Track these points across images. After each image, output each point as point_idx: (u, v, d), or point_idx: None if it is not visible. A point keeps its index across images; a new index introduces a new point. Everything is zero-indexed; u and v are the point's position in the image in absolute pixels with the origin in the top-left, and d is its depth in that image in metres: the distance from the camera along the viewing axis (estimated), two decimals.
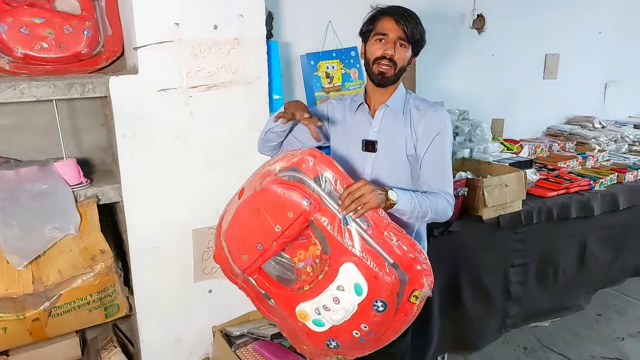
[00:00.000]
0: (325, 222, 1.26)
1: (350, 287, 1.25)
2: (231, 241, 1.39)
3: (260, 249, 1.32)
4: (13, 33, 1.57)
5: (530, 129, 3.51)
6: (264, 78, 1.82)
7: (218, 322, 1.86)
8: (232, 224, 1.37)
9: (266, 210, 1.28)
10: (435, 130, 1.45)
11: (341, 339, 1.32)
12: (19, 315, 1.42)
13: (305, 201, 1.25)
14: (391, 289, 1.24)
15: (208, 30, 1.66)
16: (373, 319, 1.27)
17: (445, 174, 1.47)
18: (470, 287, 2.19)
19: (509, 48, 3.23)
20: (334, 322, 1.30)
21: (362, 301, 1.25)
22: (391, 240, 1.26)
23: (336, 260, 1.27)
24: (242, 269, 1.39)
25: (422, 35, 1.47)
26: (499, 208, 2.20)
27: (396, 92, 1.50)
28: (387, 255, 1.25)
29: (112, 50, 1.76)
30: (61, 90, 1.50)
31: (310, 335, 1.35)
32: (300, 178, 1.28)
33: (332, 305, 1.28)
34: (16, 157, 1.75)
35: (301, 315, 1.33)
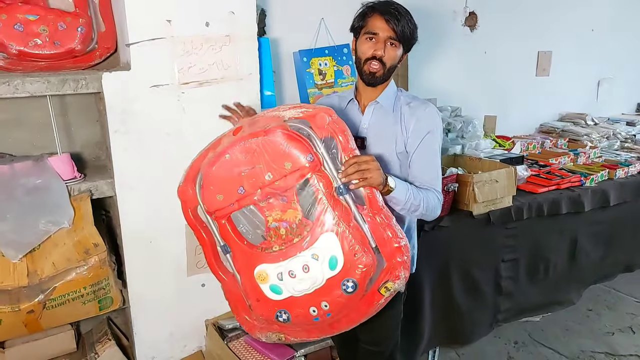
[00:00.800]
0: (319, 185, 1.21)
1: (326, 258, 1.19)
2: (211, 177, 1.29)
3: (241, 192, 1.24)
4: (7, 30, 1.59)
5: (523, 125, 3.54)
6: (255, 75, 1.84)
7: (211, 315, 1.89)
8: (219, 158, 1.27)
9: (262, 154, 1.21)
10: (425, 129, 1.44)
11: (294, 313, 1.25)
12: (14, 307, 1.44)
13: (307, 157, 1.19)
14: (366, 272, 1.20)
15: (200, 27, 1.68)
16: (337, 298, 1.21)
17: (435, 172, 1.47)
18: (461, 281, 2.22)
19: (501, 45, 3.25)
20: (294, 292, 1.23)
21: (333, 276, 1.19)
22: (380, 224, 1.23)
23: (318, 227, 1.21)
24: (210, 209, 1.30)
25: (413, 32, 1.46)
26: (489, 204, 2.23)
27: (387, 89, 1.51)
28: (372, 237, 1.21)
29: (105, 47, 1.77)
30: (55, 86, 1.52)
31: (261, 301, 1.27)
32: (309, 133, 1.23)
33: (300, 272, 1.20)
34: (11, 152, 1.77)
35: (260, 276, 1.24)
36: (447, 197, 2.14)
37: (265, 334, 1.37)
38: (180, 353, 1.88)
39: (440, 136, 1.49)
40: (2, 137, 1.76)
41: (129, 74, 1.60)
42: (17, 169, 1.56)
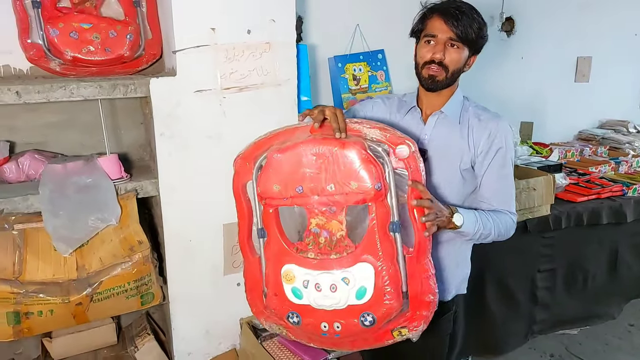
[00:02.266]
0: (376, 215, 1.19)
1: (356, 286, 1.19)
2: (275, 163, 1.27)
3: (299, 192, 1.22)
4: (64, 37, 1.69)
5: (561, 132, 3.46)
6: (293, 80, 1.88)
7: (245, 314, 1.93)
8: (289, 149, 1.25)
9: (332, 164, 1.19)
10: (496, 145, 1.33)
11: (305, 321, 1.24)
12: (64, 299, 1.52)
13: (377, 185, 1.17)
14: (388, 313, 1.19)
15: (242, 34, 1.74)
16: (351, 326, 1.21)
17: (508, 193, 1.37)
18: (495, 290, 2.19)
19: (539, 51, 3.20)
20: (314, 303, 1.22)
21: (355, 305, 1.19)
22: (418, 272, 1.20)
23: (359, 255, 1.20)
24: (263, 195, 1.28)
25: (479, 32, 1.33)
26: (526, 212, 2.19)
27: (453, 98, 1.39)
28: (406, 282, 1.19)
29: (151, 53, 1.86)
30: (106, 91, 1.60)
31: (279, 297, 1.26)
32: (384, 160, 1.20)
33: (326, 289, 1.20)
34: (63, 152, 1.88)
35: (287, 275, 1.23)
36: None
37: (270, 324, 1.38)
38: (216, 350, 1.92)
39: (512, 152, 1.37)
40: (56, 138, 1.87)
41: (175, 80, 1.66)
42: (69, 168, 1.65)
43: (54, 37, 1.69)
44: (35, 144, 1.84)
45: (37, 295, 1.49)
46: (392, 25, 2.68)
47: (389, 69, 2.72)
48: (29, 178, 1.70)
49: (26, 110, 1.77)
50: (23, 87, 1.52)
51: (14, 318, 1.48)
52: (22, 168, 1.70)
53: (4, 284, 1.46)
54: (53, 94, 1.55)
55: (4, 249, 1.50)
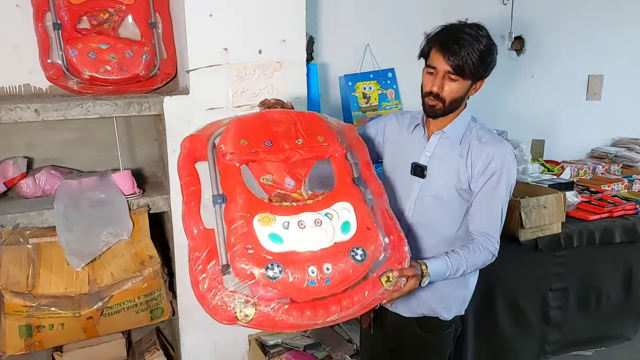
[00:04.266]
0: (342, 168, 1.23)
1: (340, 220, 1.13)
2: (240, 123, 1.23)
3: (268, 145, 1.19)
4: (82, 57, 1.76)
5: (573, 150, 3.43)
6: (303, 98, 1.92)
7: (254, 331, 1.93)
8: (255, 115, 1.27)
9: (299, 121, 1.24)
10: (492, 169, 1.33)
11: (289, 270, 1.05)
12: (75, 312, 1.55)
13: (339, 139, 1.25)
14: (377, 248, 1.13)
15: (253, 54, 1.78)
16: (342, 264, 1.09)
17: (492, 218, 1.35)
18: (506, 309, 2.16)
19: (549, 69, 3.20)
20: (297, 246, 1.08)
21: (342, 242, 1.11)
22: (390, 219, 1.23)
23: (335, 197, 1.18)
24: (229, 150, 1.17)
25: (482, 62, 1.30)
26: (536, 230, 2.17)
27: (457, 119, 1.39)
28: (382, 228, 1.18)
29: (166, 73, 1.92)
30: (121, 109, 1.65)
31: (255, 249, 1.06)
32: (339, 129, 1.32)
33: (311, 224, 1.10)
34: (79, 168, 1.92)
35: (265, 219, 1.09)
36: None
37: (228, 299, 1.05)
38: None
39: (509, 178, 1.34)
40: (71, 154, 1.92)
41: (188, 98, 1.71)
42: (84, 183, 1.70)
43: (73, 57, 1.75)
44: (52, 160, 1.89)
45: (49, 308, 1.52)
46: (402, 44, 2.71)
47: (399, 87, 2.75)
48: (45, 193, 1.75)
49: (44, 128, 1.83)
50: (41, 105, 1.57)
51: (26, 331, 1.51)
52: (38, 183, 1.74)
53: (17, 297, 1.49)
54: (70, 111, 1.60)
55: (18, 262, 1.54)
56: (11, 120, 1.54)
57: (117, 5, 1.85)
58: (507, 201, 1.36)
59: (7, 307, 1.49)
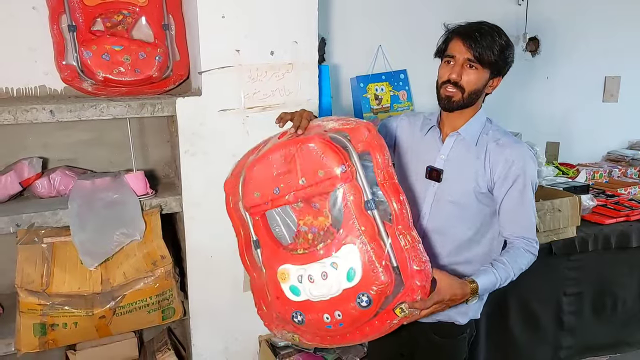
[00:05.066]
0: (349, 196, 1.20)
1: (344, 268, 1.19)
2: (252, 173, 1.33)
3: (276, 193, 1.28)
4: (96, 59, 1.77)
5: (588, 153, 3.38)
6: (314, 100, 1.91)
7: (264, 332, 1.93)
8: (262, 158, 1.32)
9: (299, 159, 1.25)
10: (515, 173, 1.29)
11: (309, 317, 1.25)
12: (88, 312, 1.56)
13: (340, 168, 1.20)
14: (382, 290, 1.17)
15: (265, 55, 1.78)
16: (351, 310, 1.19)
17: (527, 221, 1.33)
18: (519, 314, 2.14)
19: (564, 70, 3.16)
20: (311, 296, 1.23)
21: (349, 288, 1.19)
22: (404, 245, 1.20)
23: (341, 238, 1.21)
24: (247, 205, 1.34)
25: (501, 54, 1.29)
26: (551, 233, 2.14)
27: (473, 119, 1.36)
28: (394, 256, 1.18)
29: (179, 74, 1.93)
30: (134, 110, 1.66)
31: (280, 299, 1.29)
32: (346, 145, 1.23)
33: (319, 278, 1.21)
34: (92, 169, 1.94)
35: (282, 275, 1.27)
36: None
37: (281, 331, 1.38)
38: None
39: (532, 179, 1.32)
40: (85, 155, 1.94)
41: (200, 99, 1.72)
42: (97, 184, 1.71)
43: (87, 58, 1.77)
44: (66, 161, 1.91)
45: (63, 307, 1.53)
46: (415, 45, 2.70)
47: (411, 89, 2.73)
48: (59, 193, 1.77)
49: (59, 128, 1.85)
50: (56, 106, 1.59)
51: (40, 329, 1.52)
52: (53, 184, 1.77)
53: (32, 296, 1.51)
54: (84, 112, 1.62)
55: (32, 261, 1.56)
56: (27, 121, 1.56)
57: (131, 7, 1.86)
58: (533, 198, 1.35)
59: (22, 305, 1.51)
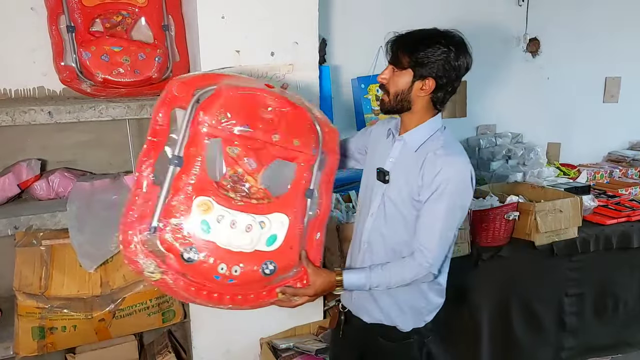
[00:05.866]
0: (300, 176, 1.28)
1: (269, 232, 1.20)
2: (228, 96, 1.22)
3: (244, 130, 1.21)
4: (95, 60, 1.76)
5: (589, 154, 3.37)
6: (315, 101, 1.90)
7: (265, 334, 1.92)
8: (249, 90, 1.25)
9: (286, 118, 1.25)
10: (437, 182, 1.27)
11: (203, 259, 1.15)
12: (88, 315, 1.55)
13: (313, 150, 1.28)
14: (289, 266, 1.24)
15: (265, 56, 1.77)
16: (250, 273, 1.18)
17: (431, 231, 1.29)
18: (521, 314, 2.13)
19: (565, 71, 3.15)
20: (220, 240, 1.16)
21: (261, 251, 1.18)
22: (314, 240, 1.31)
23: (278, 206, 1.23)
24: (206, 121, 1.19)
25: (417, 53, 1.27)
26: (552, 234, 2.13)
27: (421, 127, 1.35)
28: (304, 243, 1.27)
29: (179, 75, 1.91)
30: (134, 111, 1.65)
31: (184, 225, 1.15)
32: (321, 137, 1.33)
33: (241, 228, 1.17)
34: (91, 170, 1.93)
35: (203, 205, 1.15)
36: (506, 225, 2.08)
37: (144, 258, 1.16)
38: None
39: (459, 195, 1.28)
40: (84, 157, 1.93)
41: None
42: (96, 186, 1.70)
43: (86, 59, 1.76)
44: (65, 163, 1.90)
45: (62, 310, 1.52)
46: None
47: None
48: (58, 195, 1.76)
49: (58, 130, 1.84)
50: (55, 107, 1.58)
51: (38, 333, 1.51)
52: (52, 186, 1.76)
53: (30, 299, 1.50)
54: (83, 114, 1.61)
55: (31, 264, 1.55)
56: (25, 122, 1.55)
57: (130, 8, 1.85)
58: (451, 219, 1.29)
59: (20, 308, 1.50)
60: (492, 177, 2.75)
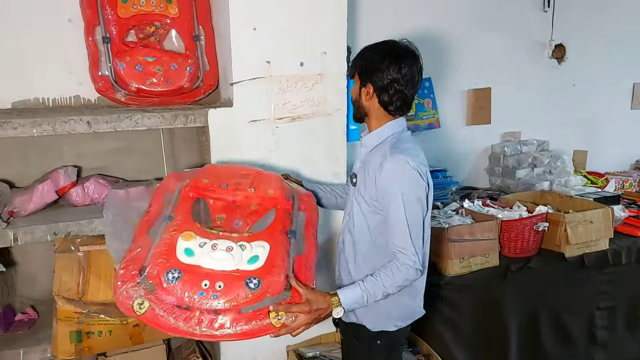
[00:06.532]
0: (280, 218, 1.37)
1: (250, 253, 1.25)
2: (210, 169, 1.52)
3: (223, 187, 1.42)
4: (130, 70, 1.81)
5: (617, 161, 3.31)
6: (343, 110, 1.92)
7: (292, 342, 1.93)
8: (226, 165, 1.56)
9: (257, 178, 1.46)
10: (388, 185, 1.33)
11: (187, 277, 1.20)
12: (123, 320, 1.59)
13: (288, 196, 1.42)
14: (275, 284, 1.22)
15: (295, 67, 1.79)
16: (235, 287, 1.20)
17: (400, 231, 1.32)
18: (550, 327, 2.09)
19: (592, 77, 3.11)
20: (203, 262, 1.23)
21: (244, 270, 1.22)
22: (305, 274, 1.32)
23: (258, 236, 1.31)
24: (192, 184, 1.42)
25: (362, 65, 1.39)
26: (583, 246, 2.10)
27: (379, 130, 1.41)
28: (291, 271, 1.28)
29: (208, 84, 1.95)
30: (168, 121, 1.69)
31: (167, 257, 1.23)
32: (293, 193, 1.48)
33: (222, 248, 1.25)
34: (124, 177, 1.98)
35: (187, 235, 1.26)
36: (535, 236, 2.05)
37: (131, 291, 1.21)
38: None
39: (408, 189, 1.32)
40: (117, 163, 1.98)
41: (231, 110, 1.74)
42: (131, 193, 1.73)
43: (121, 69, 1.81)
44: (98, 169, 1.95)
45: (98, 315, 1.56)
46: (440, 53, 2.69)
47: (436, 97, 2.72)
48: (93, 202, 1.80)
49: (92, 138, 1.89)
50: (93, 117, 1.62)
51: (76, 337, 1.55)
52: (87, 192, 1.80)
53: (69, 304, 1.54)
54: (120, 123, 1.65)
55: (69, 269, 1.59)
56: (65, 131, 1.60)
57: (163, 19, 1.90)
58: (411, 210, 1.32)
59: (59, 312, 1.54)
60: (518, 185, 2.72)
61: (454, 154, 2.81)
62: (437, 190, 2.50)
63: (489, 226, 1.98)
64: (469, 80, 2.80)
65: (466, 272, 1.94)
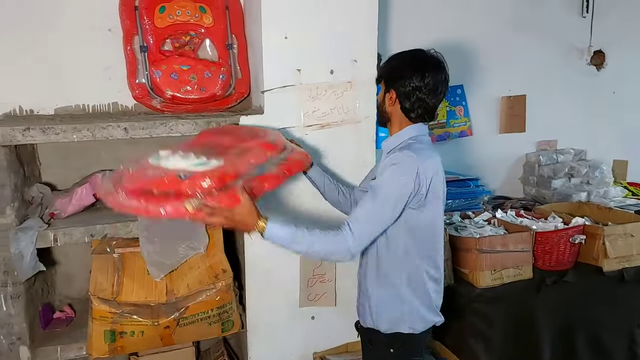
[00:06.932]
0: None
1: (201, 160, 1.30)
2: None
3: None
4: (165, 78, 1.86)
5: None
6: (372, 117, 1.91)
7: (319, 348, 1.93)
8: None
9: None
10: (384, 166, 1.37)
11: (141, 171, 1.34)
12: (154, 321, 1.62)
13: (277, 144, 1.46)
14: (202, 176, 1.23)
15: (325, 75, 1.80)
16: (169, 177, 1.25)
17: (361, 210, 1.33)
18: (587, 344, 2.01)
19: (632, 84, 3.00)
20: (163, 163, 1.33)
21: (185, 169, 1.26)
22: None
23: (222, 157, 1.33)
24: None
25: (387, 71, 1.46)
26: (622, 260, 2.01)
27: (395, 135, 1.45)
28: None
29: (240, 92, 1.99)
30: (201, 127, 1.73)
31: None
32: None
33: (181, 157, 1.34)
34: None
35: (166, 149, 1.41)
36: (572, 249, 1.98)
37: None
38: None
39: (388, 172, 1.34)
40: None
41: (262, 117, 1.76)
42: None
43: (157, 77, 1.86)
44: None
45: (131, 316, 1.60)
46: (472, 61, 2.65)
47: (468, 104, 2.68)
48: None
49: (129, 143, 1.95)
50: (130, 124, 1.68)
51: (110, 336, 1.60)
52: None
53: (104, 304, 1.59)
54: (155, 130, 1.70)
55: (105, 270, 1.64)
56: (103, 137, 1.66)
57: (198, 29, 1.95)
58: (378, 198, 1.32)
59: (94, 312, 1.59)
60: (553, 195, 2.64)
61: (487, 163, 2.75)
62: (468, 199, 2.46)
63: (523, 237, 1.93)
64: (503, 87, 2.74)
65: (498, 284, 1.90)
